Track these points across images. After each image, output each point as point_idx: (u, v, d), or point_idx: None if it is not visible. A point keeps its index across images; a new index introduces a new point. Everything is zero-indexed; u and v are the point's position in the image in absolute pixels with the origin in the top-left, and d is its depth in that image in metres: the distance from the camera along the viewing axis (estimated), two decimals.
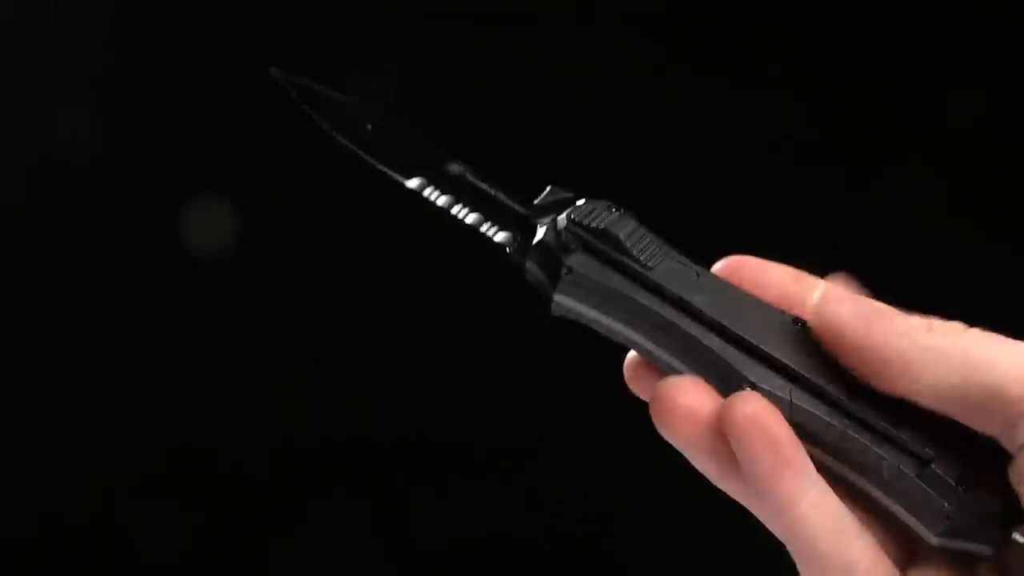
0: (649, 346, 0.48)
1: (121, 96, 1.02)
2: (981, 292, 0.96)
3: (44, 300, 1.02)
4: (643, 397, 0.48)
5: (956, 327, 0.45)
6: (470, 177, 0.53)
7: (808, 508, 0.44)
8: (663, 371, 0.48)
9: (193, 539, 1.02)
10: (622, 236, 0.48)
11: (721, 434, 0.45)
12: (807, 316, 0.47)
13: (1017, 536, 0.44)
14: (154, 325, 1.02)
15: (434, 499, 1.02)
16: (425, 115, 1.06)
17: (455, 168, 0.53)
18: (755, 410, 0.44)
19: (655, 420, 0.46)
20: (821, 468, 0.45)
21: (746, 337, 0.46)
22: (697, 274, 0.48)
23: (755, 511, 0.45)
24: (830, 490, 0.44)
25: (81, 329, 1.03)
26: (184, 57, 1.03)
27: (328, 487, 1.03)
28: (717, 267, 0.49)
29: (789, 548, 0.45)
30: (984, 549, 0.45)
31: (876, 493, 0.45)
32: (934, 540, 0.45)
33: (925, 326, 0.45)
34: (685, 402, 0.45)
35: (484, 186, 0.52)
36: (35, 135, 1.02)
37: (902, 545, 0.46)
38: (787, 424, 0.45)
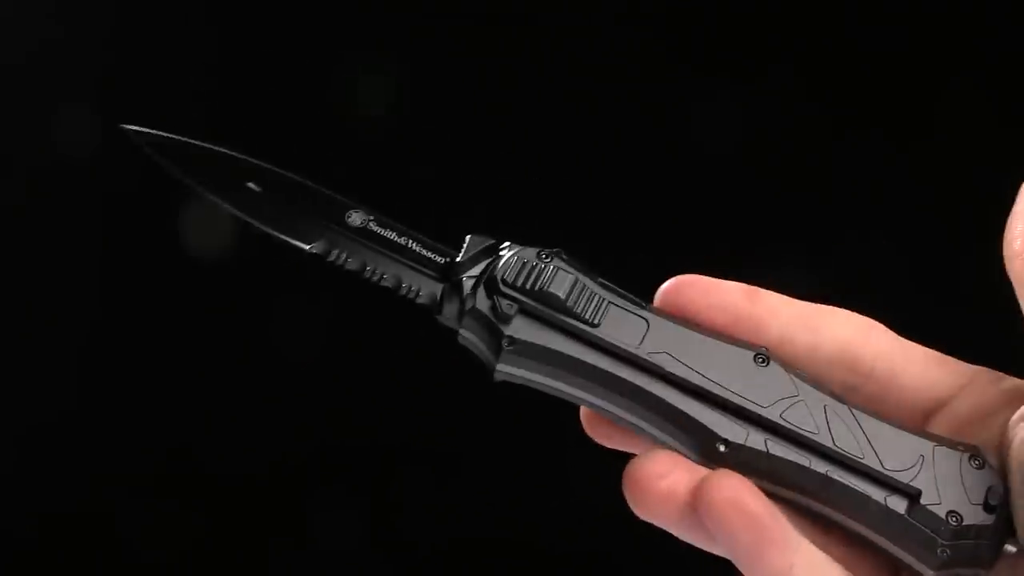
0: (605, 406, 0.45)
1: (121, 96, 1.02)
2: (980, 292, 0.96)
3: (44, 300, 1.02)
4: (606, 445, 0.46)
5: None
6: (375, 227, 0.47)
7: None
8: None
9: (193, 539, 1.02)
10: (561, 295, 0.44)
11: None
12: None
13: (1009, 547, 0.44)
14: (154, 325, 1.02)
15: (434, 500, 1.02)
16: (425, 115, 1.06)
17: (357, 219, 0.47)
18: (729, 493, 0.42)
19: (630, 502, 0.44)
20: (806, 510, 0.44)
21: (710, 389, 0.44)
22: (646, 321, 0.44)
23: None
24: (817, 552, 0.43)
25: (81, 329, 1.03)
26: (184, 57, 1.03)
27: (328, 487, 1.03)
28: (663, 290, 0.46)
29: None
30: (979, 571, 0.44)
31: (865, 531, 0.44)
32: (930, 574, 0.43)
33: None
34: (660, 486, 0.43)
35: (393, 236, 0.47)
36: (35, 135, 1.02)
37: (888, 574, 0.45)
38: (763, 498, 0.43)
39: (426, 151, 1.03)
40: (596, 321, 0.44)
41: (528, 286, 0.44)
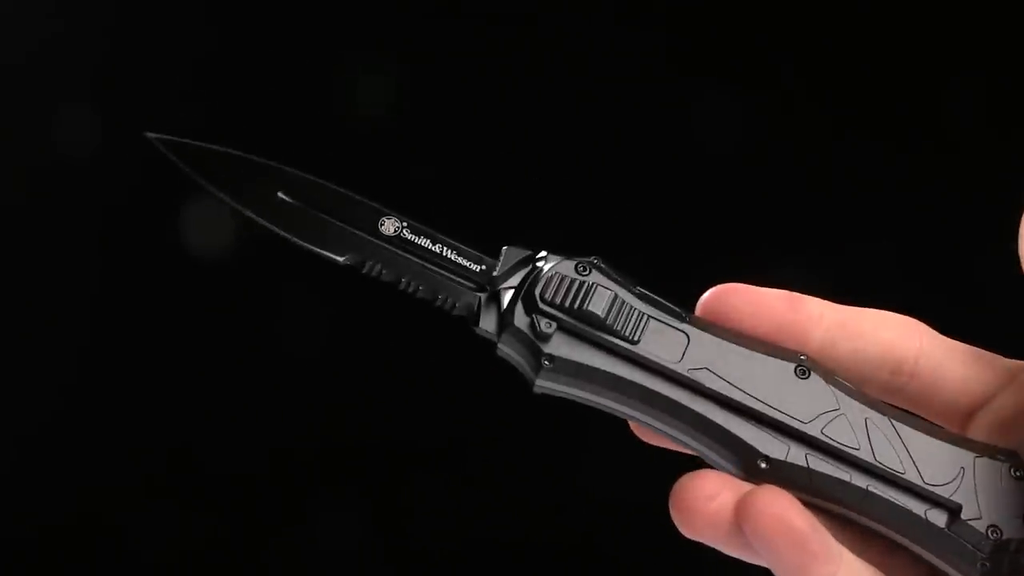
0: (648, 420, 0.45)
1: (121, 96, 1.02)
2: (981, 292, 0.96)
3: (44, 300, 1.02)
4: (654, 444, 0.46)
5: None
6: (408, 234, 0.46)
7: None
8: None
9: (193, 539, 1.02)
10: (601, 313, 0.44)
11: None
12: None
13: None
14: (154, 325, 1.02)
15: (434, 499, 1.02)
16: (425, 115, 1.06)
17: (390, 226, 0.46)
18: (773, 509, 0.42)
19: (678, 523, 0.44)
20: (839, 517, 0.44)
21: (751, 406, 0.44)
22: (686, 336, 0.45)
23: None
24: (858, 562, 0.43)
25: (81, 329, 1.03)
26: (184, 57, 1.03)
27: (328, 487, 1.03)
28: (705, 299, 0.46)
29: None
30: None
31: (905, 542, 0.44)
32: None
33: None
34: (707, 507, 0.43)
35: (427, 244, 0.46)
36: (35, 135, 1.02)
37: None
38: (805, 512, 0.43)
39: (426, 151, 1.03)
40: (635, 338, 0.44)
41: (567, 304, 0.44)
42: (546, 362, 0.44)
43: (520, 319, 0.45)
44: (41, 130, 1.02)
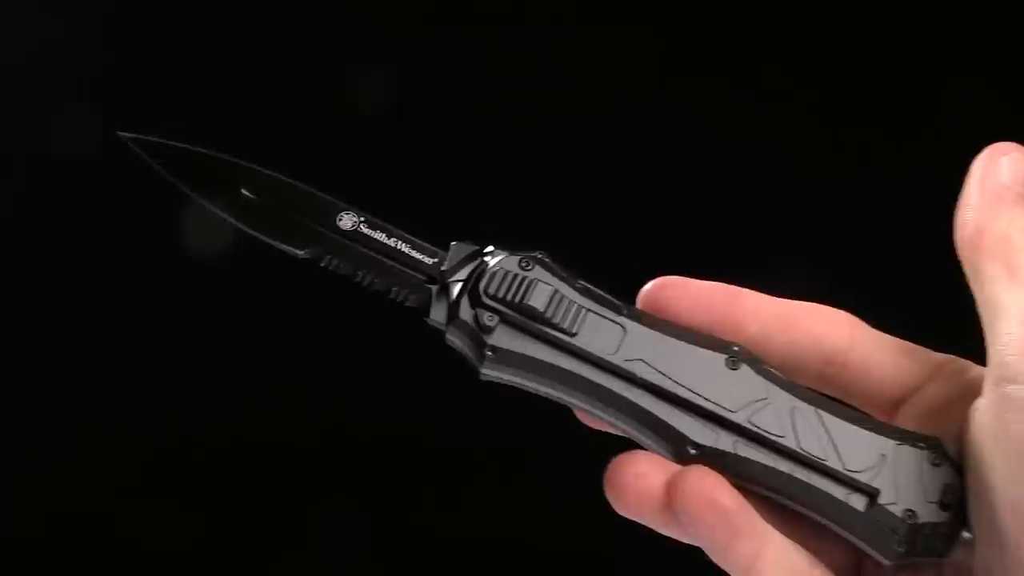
0: (587, 408, 0.47)
1: (121, 96, 1.02)
2: None
3: (44, 300, 1.02)
4: (596, 427, 0.48)
5: None
6: (365, 229, 0.48)
7: (764, 565, 0.45)
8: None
9: (193, 539, 1.02)
10: (540, 306, 0.46)
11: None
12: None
13: (965, 533, 0.45)
14: (154, 325, 1.02)
15: (434, 500, 1.02)
16: (425, 115, 1.06)
17: (348, 221, 0.48)
18: (701, 487, 0.45)
19: (612, 501, 0.46)
20: (772, 504, 0.46)
21: (683, 395, 0.46)
22: (623, 328, 0.47)
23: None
24: (783, 540, 0.45)
25: (81, 329, 1.03)
26: (184, 57, 1.03)
27: (328, 488, 1.03)
28: (645, 292, 0.48)
29: None
30: (935, 560, 0.46)
31: (829, 524, 0.46)
32: (889, 564, 0.46)
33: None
34: (637, 484, 0.46)
35: (383, 238, 0.48)
36: (35, 135, 1.02)
37: (851, 557, 0.47)
38: (732, 491, 0.45)
39: (426, 151, 1.03)
40: (574, 330, 0.47)
41: (509, 298, 0.47)
42: (489, 352, 0.47)
43: (465, 312, 0.47)
44: (41, 130, 1.02)
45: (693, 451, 0.46)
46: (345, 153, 1.01)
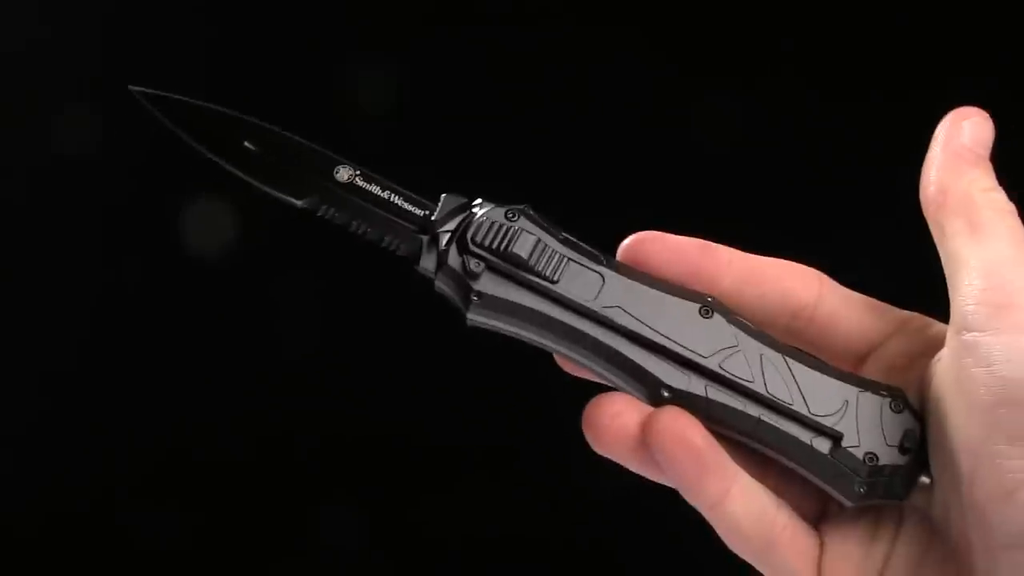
0: (567, 352, 0.49)
1: (121, 96, 1.02)
2: None
3: (44, 300, 1.02)
4: (577, 375, 0.51)
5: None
6: (360, 182, 0.51)
7: (732, 503, 0.47)
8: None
9: (193, 539, 1.02)
10: (523, 254, 0.49)
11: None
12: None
13: (923, 479, 0.48)
14: (154, 325, 1.02)
15: (434, 499, 1.02)
16: (425, 115, 1.06)
17: (344, 174, 0.52)
18: (673, 425, 0.47)
19: (589, 439, 0.49)
20: (740, 446, 0.49)
21: (658, 341, 0.48)
22: (602, 277, 0.49)
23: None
24: (751, 481, 0.48)
25: (81, 329, 1.03)
26: (184, 57, 1.03)
27: (328, 487, 1.03)
28: (624, 245, 0.51)
29: (718, 532, 0.48)
30: (895, 502, 0.48)
31: (794, 467, 0.48)
32: (850, 504, 0.48)
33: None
34: (613, 423, 0.48)
35: (377, 191, 0.51)
36: (35, 135, 1.02)
37: (816, 501, 0.50)
38: (704, 431, 0.47)
39: (426, 151, 1.03)
40: (556, 278, 0.49)
41: (495, 245, 0.49)
42: (475, 298, 0.49)
43: (453, 259, 0.50)
44: (41, 130, 1.02)
45: (667, 394, 0.48)
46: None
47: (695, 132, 1.01)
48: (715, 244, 0.51)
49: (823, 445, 0.48)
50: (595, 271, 0.49)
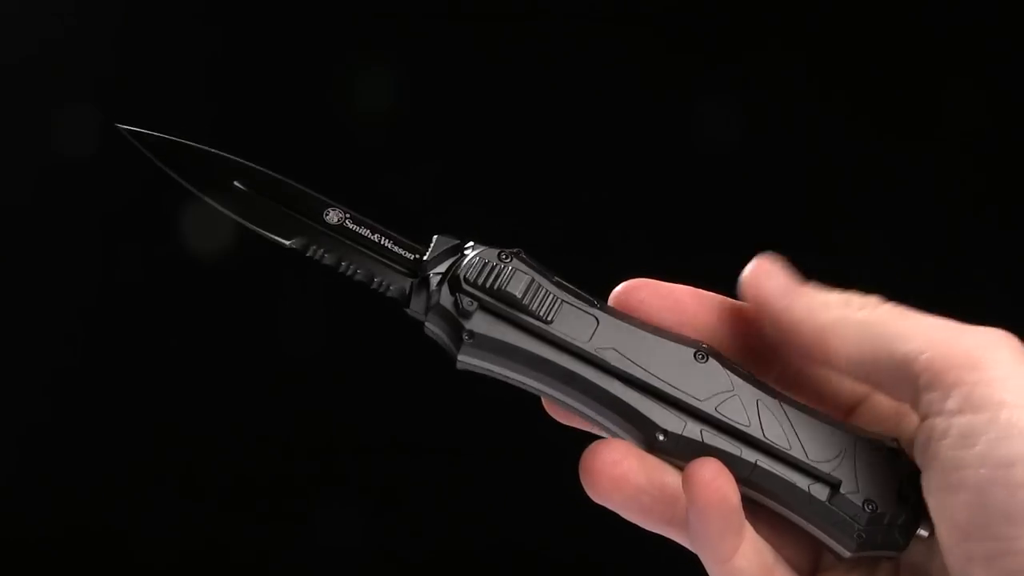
0: (559, 396, 0.49)
1: (121, 96, 1.02)
2: (980, 291, 0.96)
3: (45, 300, 1.02)
4: (566, 423, 0.50)
5: (871, 301, 0.47)
6: (350, 224, 0.51)
7: (741, 560, 0.46)
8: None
9: (193, 539, 1.02)
10: (518, 294, 0.48)
11: (650, 494, 0.47)
12: (744, 298, 0.49)
13: (921, 531, 0.47)
14: (155, 325, 1.02)
15: (434, 499, 1.02)
16: (425, 115, 1.06)
17: (334, 216, 0.51)
18: (716, 479, 0.46)
19: (587, 486, 0.48)
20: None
21: (653, 383, 0.48)
22: (596, 319, 0.48)
23: (688, 546, 0.48)
24: (757, 537, 0.47)
25: (82, 329, 1.03)
26: (184, 57, 1.04)
27: (328, 487, 1.03)
28: (616, 292, 0.50)
29: None
30: (892, 553, 0.47)
31: (790, 515, 0.48)
32: (848, 555, 0.47)
33: (843, 300, 0.48)
34: (613, 471, 0.47)
35: (367, 233, 0.51)
36: (35, 135, 1.02)
37: (809, 554, 0.49)
38: (737, 489, 0.46)
39: (426, 151, 1.03)
40: (549, 318, 0.48)
41: (488, 284, 0.48)
42: (467, 337, 0.48)
43: (445, 298, 0.49)
44: (41, 130, 1.02)
45: (662, 437, 0.47)
46: (345, 153, 1.01)
47: (694, 132, 1.01)
48: (706, 292, 0.51)
49: (821, 492, 0.47)
50: (589, 313, 0.49)
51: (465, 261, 0.49)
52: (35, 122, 1.02)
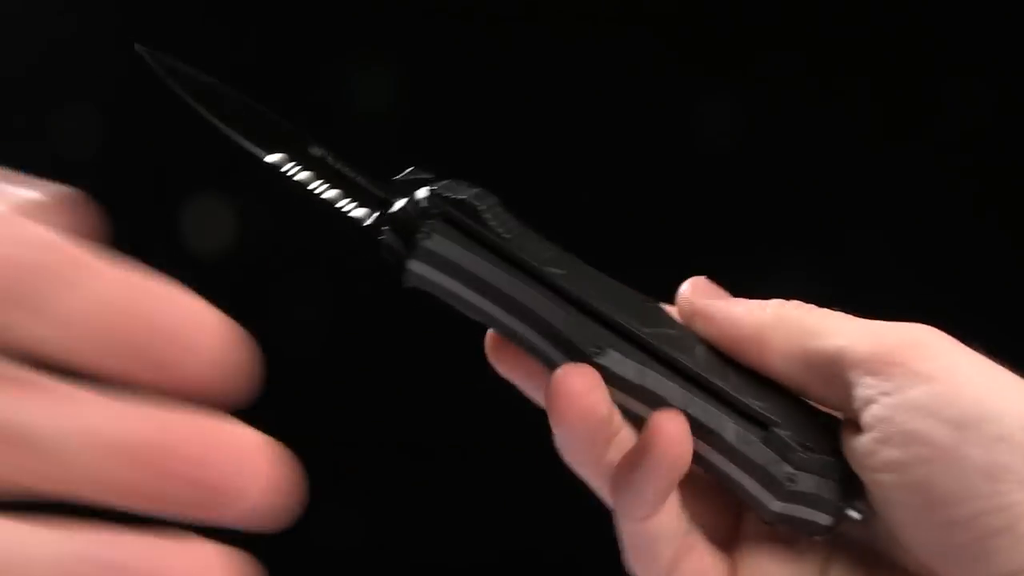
0: (505, 319, 0.49)
1: (122, 96, 1.02)
2: (979, 291, 0.96)
3: None
4: (505, 373, 0.51)
5: (804, 306, 0.48)
6: (330, 160, 0.52)
7: (655, 523, 0.47)
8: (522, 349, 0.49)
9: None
10: (480, 207, 0.49)
11: (605, 432, 0.47)
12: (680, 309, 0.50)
13: (851, 512, 0.46)
14: None
15: (434, 499, 1.02)
16: (425, 114, 1.06)
17: (316, 151, 0.52)
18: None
19: (553, 414, 0.48)
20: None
21: (602, 310, 0.48)
22: (555, 250, 0.49)
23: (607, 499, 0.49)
24: (676, 503, 0.47)
25: None
26: (184, 57, 1.03)
27: (328, 487, 1.03)
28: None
29: (628, 547, 0.50)
30: (822, 519, 0.47)
31: (719, 460, 0.47)
32: (776, 505, 0.47)
33: (776, 304, 0.48)
34: (584, 403, 0.47)
35: (344, 168, 0.52)
36: (35, 135, 1.02)
37: (730, 525, 0.50)
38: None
39: (426, 151, 1.03)
40: (508, 237, 0.49)
41: (452, 196, 0.49)
42: (422, 236, 0.48)
43: (408, 206, 0.49)
44: (41, 130, 1.02)
45: (598, 359, 0.47)
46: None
47: (695, 132, 1.01)
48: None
49: (755, 431, 0.47)
50: (548, 245, 0.49)
51: (435, 182, 0.50)
52: (34, 122, 1.02)
